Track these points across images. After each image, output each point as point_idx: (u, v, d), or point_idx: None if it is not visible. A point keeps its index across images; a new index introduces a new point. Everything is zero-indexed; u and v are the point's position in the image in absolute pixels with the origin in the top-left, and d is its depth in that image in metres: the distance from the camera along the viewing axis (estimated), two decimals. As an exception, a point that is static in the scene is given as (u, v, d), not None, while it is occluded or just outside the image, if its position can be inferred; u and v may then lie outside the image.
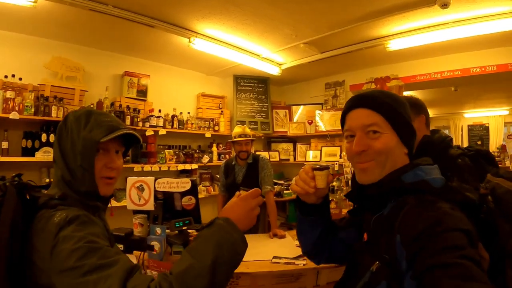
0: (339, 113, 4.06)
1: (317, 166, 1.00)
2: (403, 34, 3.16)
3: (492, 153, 1.62)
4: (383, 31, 3.16)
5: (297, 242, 2.34)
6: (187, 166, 4.02)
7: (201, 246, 0.79)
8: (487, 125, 8.90)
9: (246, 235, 0.85)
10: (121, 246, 1.58)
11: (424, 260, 0.67)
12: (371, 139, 0.88)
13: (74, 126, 0.96)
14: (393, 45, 3.26)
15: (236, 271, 1.80)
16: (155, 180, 1.97)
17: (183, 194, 2.04)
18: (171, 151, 3.98)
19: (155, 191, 1.78)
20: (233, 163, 3.12)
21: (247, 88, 4.91)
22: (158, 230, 1.73)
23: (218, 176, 4.57)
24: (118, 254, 0.80)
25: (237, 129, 3.05)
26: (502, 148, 6.77)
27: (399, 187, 0.85)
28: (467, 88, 5.24)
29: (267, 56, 3.87)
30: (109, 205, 1.09)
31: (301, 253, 2.09)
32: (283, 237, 2.60)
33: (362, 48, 3.42)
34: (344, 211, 2.42)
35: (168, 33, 3.11)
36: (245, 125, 3.10)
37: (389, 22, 2.94)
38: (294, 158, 5.05)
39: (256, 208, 0.92)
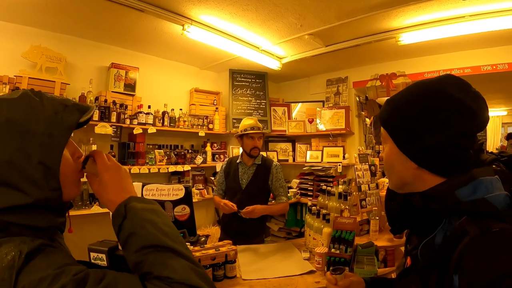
0: (342, 111, 3.84)
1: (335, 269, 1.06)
2: (415, 27, 2.91)
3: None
4: (394, 23, 2.90)
5: (304, 255, 2.07)
6: (179, 168, 3.72)
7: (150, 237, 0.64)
8: (484, 125, 8.75)
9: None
10: (103, 263, 1.32)
11: None
12: None
13: (20, 113, 0.64)
14: (406, 38, 3.00)
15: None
16: (143, 186, 1.72)
17: (176, 203, 1.79)
18: (161, 151, 3.67)
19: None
20: (237, 161, 2.69)
21: (244, 83, 4.61)
22: (146, 246, 1.47)
23: (212, 178, 4.29)
24: (111, 273, 0.59)
25: (248, 121, 2.62)
26: (501, 149, 6.61)
27: (453, 206, 0.69)
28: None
29: (267, 48, 3.59)
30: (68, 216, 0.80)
31: (312, 269, 1.88)
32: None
33: (371, 41, 3.15)
34: (358, 218, 2.17)
35: (160, 19, 2.79)
36: (255, 117, 2.67)
37: (403, 13, 2.68)
38: (294, 159, 4.77)
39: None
